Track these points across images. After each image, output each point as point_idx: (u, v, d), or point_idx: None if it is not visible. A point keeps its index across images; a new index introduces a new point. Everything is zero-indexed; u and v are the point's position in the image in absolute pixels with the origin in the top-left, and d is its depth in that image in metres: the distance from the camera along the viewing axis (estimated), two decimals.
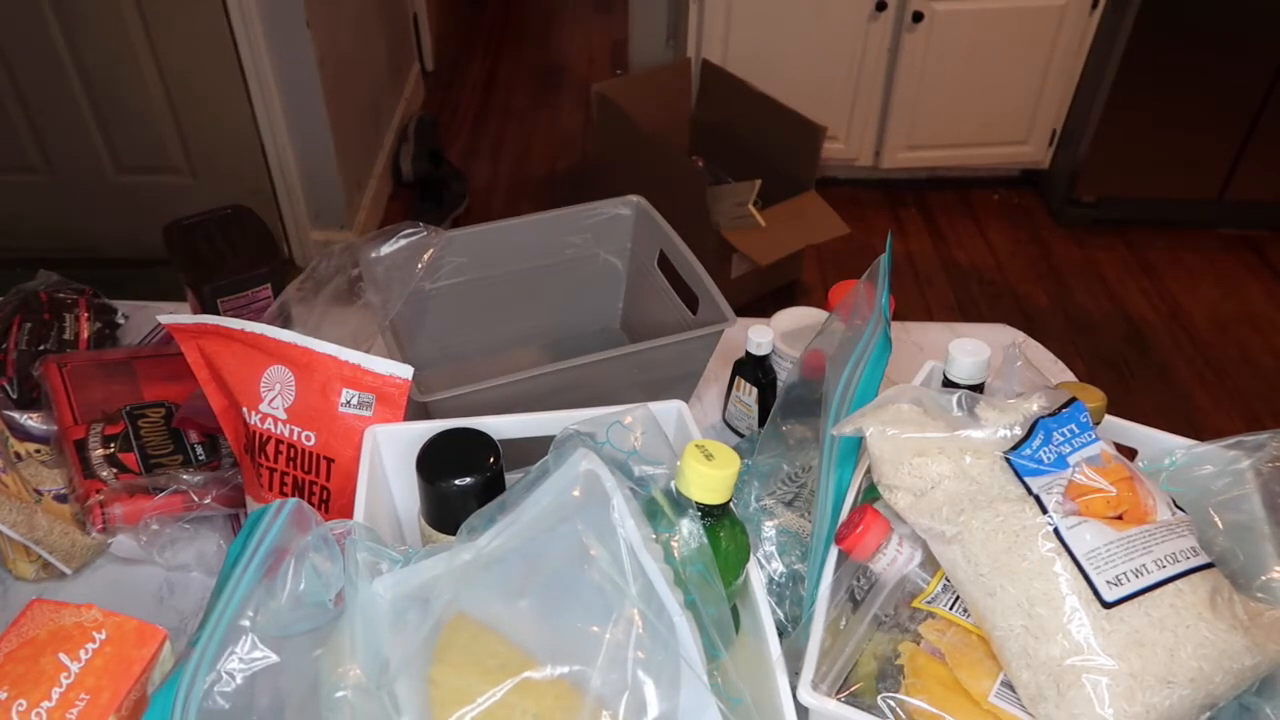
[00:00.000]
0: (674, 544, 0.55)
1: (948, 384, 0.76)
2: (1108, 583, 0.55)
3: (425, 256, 0.90)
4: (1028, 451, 0.60)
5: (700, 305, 0.93)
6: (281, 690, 0.54)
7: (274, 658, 0.54)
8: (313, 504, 0.74)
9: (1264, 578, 0.62)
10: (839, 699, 0.57)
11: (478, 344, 1.03)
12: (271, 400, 0.73)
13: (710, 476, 0.54)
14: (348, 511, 0.65)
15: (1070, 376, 1.04)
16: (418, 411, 0.75)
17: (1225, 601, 0.56)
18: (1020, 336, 1.08)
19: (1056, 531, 0.56)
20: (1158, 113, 2.68)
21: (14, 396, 0.95)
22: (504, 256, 1.01)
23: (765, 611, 0.59)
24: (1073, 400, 0.62)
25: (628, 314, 1.09)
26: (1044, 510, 0.57)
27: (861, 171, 2.94)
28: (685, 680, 0.53)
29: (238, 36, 2.25)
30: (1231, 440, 0.67)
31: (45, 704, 0.52)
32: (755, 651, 0.60)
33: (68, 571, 0.81)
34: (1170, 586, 0.55)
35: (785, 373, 0.94)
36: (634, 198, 1.03)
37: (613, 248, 1.05)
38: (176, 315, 0.76)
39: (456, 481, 0.62)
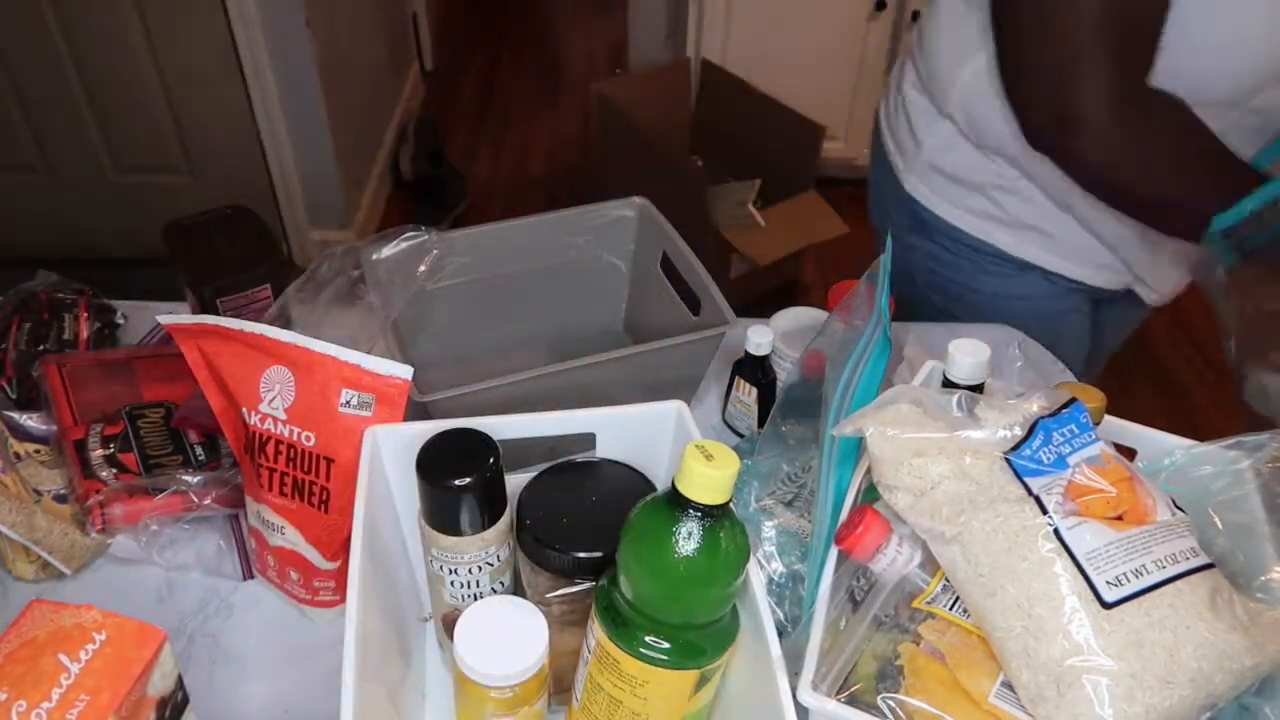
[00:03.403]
0: None
1: (947, 384, 0.76)
2: (1107, 583, 0.55)
3: (427, 259, 0.90)
4: (1027, 452, 0.60)
5: (702, 307, 0.93)
6: None
7: None
8: (313, 504, 0.74)
9: (1264, 578, 0.62)
10: (839, 699, 0.57)
11: (479, 345, 1.03)
12: (271, 400, 0.73)
13: (710, 476, 0.54)
14: (348, 512, 0.65)
15: (1070, 377, 1.04)
16: (418, 411, 0.75)
17: (1225, 602, 0.57)
18: (1020, 337, 1.08)
19: (1056, 532, 0.56)
20: None
21: (13, 396, 0.95)
22: (507, 257, 1.01)
23: (765, 611, 0.59)
24: (1072, 400, 0.62)
25: (631, 316, 1.09)
26: (1044, 511, 0.57)
27: (861, 171, 2.93)
28: None
29: (237, 36, 2.25)
30: (1231, 440, 0.67)
31: (45, 705, 0.52)
32: (755, 651, 0.60)
33: (67, 572, 0.81)
34: (1170, 587, 0.55)
35: (785, 373, 0.94)
36: (638, 199, 1.02)
37: (616, 249, 1.05)
38: (176, 315, 0.76)
39: (456, 481, 0.62)
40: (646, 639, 0.58)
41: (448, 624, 0.69)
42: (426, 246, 0.91)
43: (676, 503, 0.55)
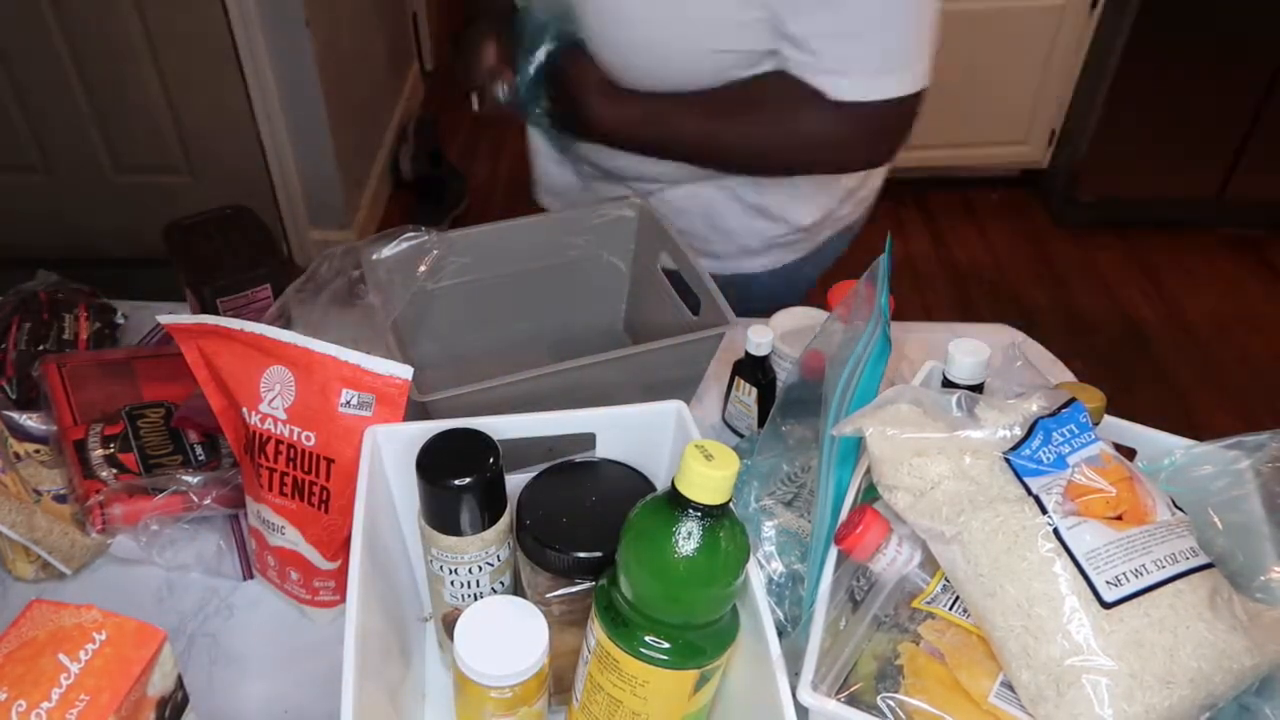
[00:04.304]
0: None
1: (947, 384, 0.76)
2: (1107, 583, 0.55)
3: (427, 259, 0.90)
4: (1027, 452, 0.60)
5: (701, 307, 0.93)
6: None
7: None
8: (313, 504, 0.74)
9: (1263, 578, 0.62)
10: (839, 699, 0.57)
11: (480, 344, 1.03)
12: (271, 400, 0.73)
13: (710, 477, 0.54)
14: (348, 512, 0.65)
15: (1070, 376, 1.04)
16: (418, 411, 0.75)
17: (1225, 602, 0.57)
18: (1020, 336, 1.08)
19: (1056, 532, 0.56)
20: (1157, 113, 2.68)
21: (13, 396, 0.95)
22: (507, 257, 1.01)
23: (765, 611, 0.59)
24: (1072, 400, 0.62)
25: (631, 316, 1.08)
26: (1044, 510, 0.57)
27: None
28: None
29: (237, 36, 2.25)
30: (1231, 440, 0.67)
31: (45, 704, 0.52)
32: (755, 652, 0.60)
33: (67, 572, 0.81)
34: (1170, 587, 0.55)
35: (785, 373, 0.94)
36: (637, 199, 1.02)
37: (616, 249, 1.05)
38: (176, 315, 0.76)
39: (456, 481, 0.62)
40: (646, 639, 0.58)
41: (448, 624, 0.69)
42: (426, 247, 0.91)
43: (676, 503, 0.55)
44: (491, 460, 0.63)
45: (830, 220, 1.15)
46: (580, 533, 0.64)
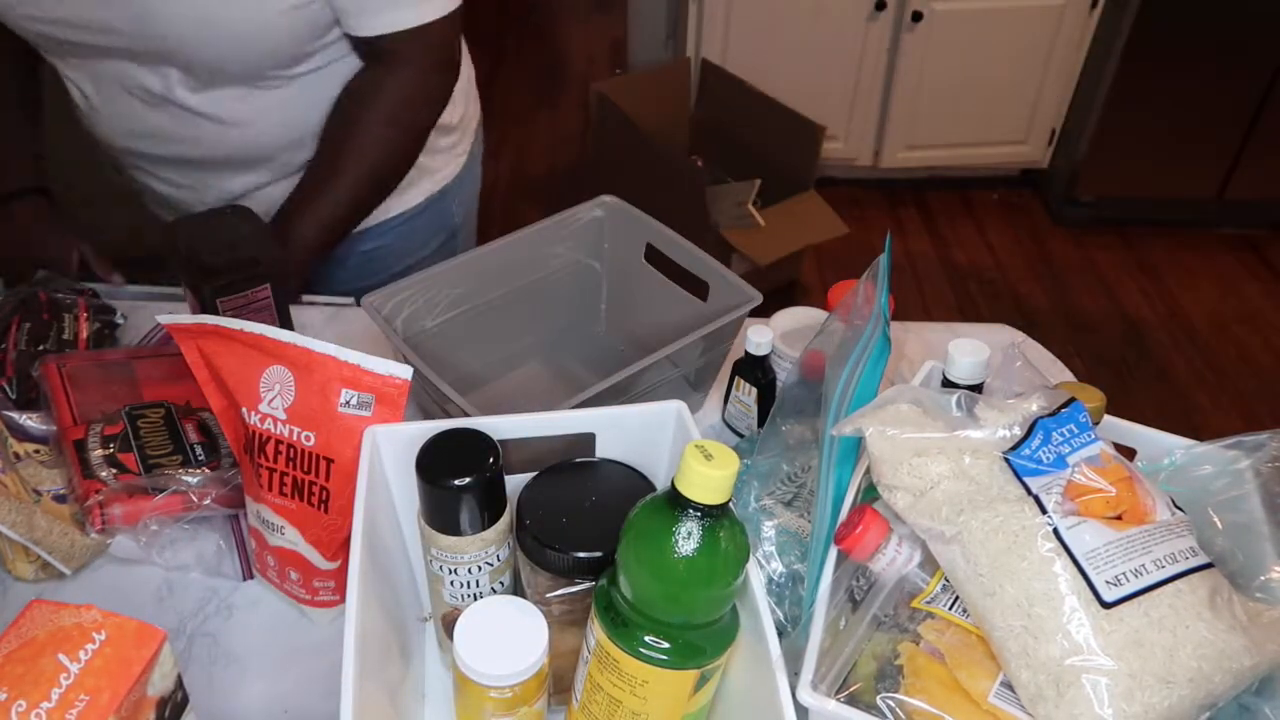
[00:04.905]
0: None
1: (947, 384, 0.76)
2: (1107, 583, 0.55)
3: (422, 302, 0.92)
4: (1027, 452, 0.60)
5: (711, 290, 0.94)
6: None
7: None
8: (312, 504, 0.74)
9: (1263, 578, 0.62)
10: (838, 699, 0.57)
11: (484, 368, 1.02)
12: (271, 400, 0.73)
13: (710, 476, 0.54)
14: (347, 512, 0.65)
15: (1069, 376, 1.04)
16: (416, 413, 0.75)
17: (1224, 601, 0.57)
18: (1019, 336, 1.08)
19: (1056, 532, 0.56)
20: (1157, 112, 2.68)
21: (13, 397, 0.95)
22: (495, 279, 1.00)
23: (765, 611, 0.59)
24: (1072, 400, 0.62)
25: (618, 314, 1.08)
26: (1043, 510, 0.57)
27: (861, 171, 2.95)
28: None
29: None
30: (1231, 440, 0.67)
31: (45, 704, 0.52)
32: (755, 651, 0.60)
33: (67, 572, 0.81)
34: (1169, 587, 0.55)
35: (785, 373, 0.94)
36: (606, 198, 1.02)
37: (591, 251, 1.05)
38: (176, 315, 0.76)
39: (456, 481, 0.62)
40: (646, 639, 0.58)
41: (448, 624, 0.69)
42: (416, 295, 0.92)
43: (676, 503, 0.55)
44: (491, 460, 0.63)
45: (466, 118, 1.26)
46: (580, 533, 0.64)
